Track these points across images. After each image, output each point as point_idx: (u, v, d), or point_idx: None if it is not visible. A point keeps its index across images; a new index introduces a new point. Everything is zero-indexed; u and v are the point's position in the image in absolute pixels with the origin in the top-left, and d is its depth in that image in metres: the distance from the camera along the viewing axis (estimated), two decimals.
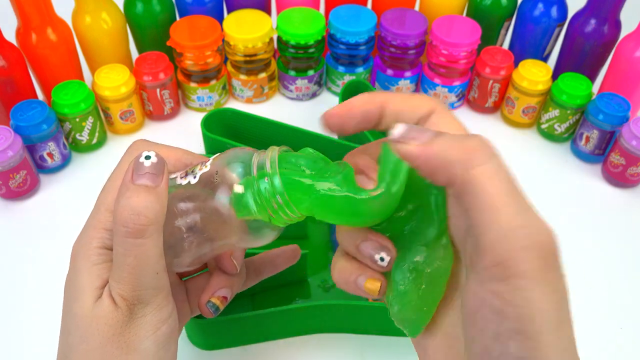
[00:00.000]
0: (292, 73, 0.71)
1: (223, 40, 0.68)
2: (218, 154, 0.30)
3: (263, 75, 0.70)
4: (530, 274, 0.19)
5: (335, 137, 0.58)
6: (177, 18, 0.72)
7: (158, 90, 0.66)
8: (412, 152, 0.23)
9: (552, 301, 0.19)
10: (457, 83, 0.70)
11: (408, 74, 0.71)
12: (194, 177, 0.29)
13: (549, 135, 0.68)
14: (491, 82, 0.68)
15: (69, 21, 0.65)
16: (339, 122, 0.27)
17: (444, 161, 0.22)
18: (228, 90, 0.73)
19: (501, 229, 0.20)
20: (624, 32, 0.66)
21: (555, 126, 0.67)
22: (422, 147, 0.23)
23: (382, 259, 0.26)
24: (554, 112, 0.66)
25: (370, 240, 0.26)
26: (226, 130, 0.64)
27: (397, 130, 0.24)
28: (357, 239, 0.27)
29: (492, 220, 0.20)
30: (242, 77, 0.70)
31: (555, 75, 0.69)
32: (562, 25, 0.69)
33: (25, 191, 0.59)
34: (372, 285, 0.27)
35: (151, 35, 0.70)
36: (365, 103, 0.27)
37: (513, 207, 0.20)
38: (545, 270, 0.19)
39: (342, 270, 0.28)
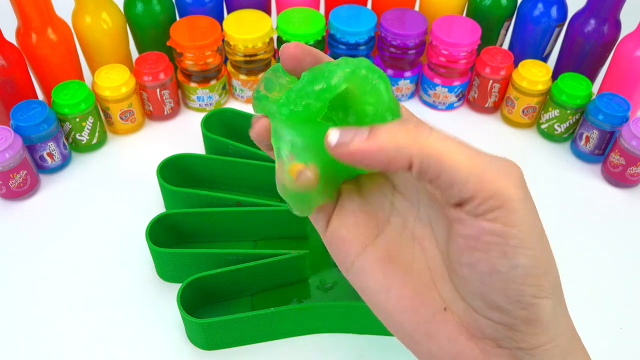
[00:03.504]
0: None
1: (223, 40, 0.68)
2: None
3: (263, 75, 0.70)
4: (516, 198, 0.22)
5: None
6: (177, 18, 0.72)
7: (158, 90, 0.66)
8: (359, 149, 0.23)
9: (535, 218, 0.23)
10: (457, 83, 0.70)
11: (408, 74, 0.71)
12: None
13: (549, 135, 0.68)
14: (491, 82, 0.68)
15: (69, 21, 0.65)
16: (298, 58, 0.27)
17: (396, 148, 0.23)
18: (228, 90, 0.73)
19: (478, 172, 0.22)
20: (624, 32, 0.65)
21: (555, 126, 0.67)
22: (368, 142, 0.23)
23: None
24: (554, 112, 0.66)
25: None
26: (226, 130, 0.64)
27: (332, 136, 0.24)
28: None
29: (468, 172, 0.22)
30: (242, 77, 0.70)
31: (555, 75, 0.69)
32: (562, 25, 0.69)
33: (25, 191, 0.59)
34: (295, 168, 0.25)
35: (151, 35, 0.70)
36: (321, 52, 0.27)
37: (474, 154, 0.23)
38: (524, 196, 0.23)
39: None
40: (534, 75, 0.65)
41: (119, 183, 0.62)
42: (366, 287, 0.27)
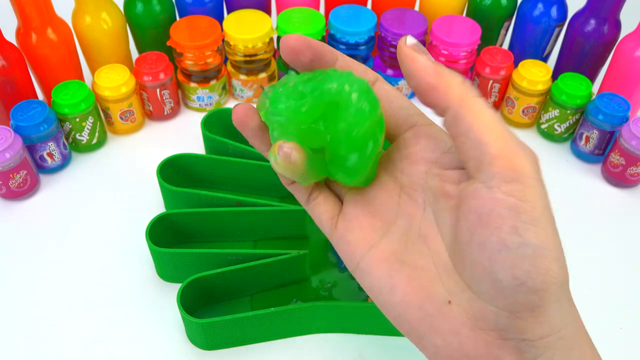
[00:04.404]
0: (292, 73, 0.71)
1: (223, 40, 0.68)
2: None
3: (263, 75, 0.70)
4: (534, 176, 0.23)
5: None
6: (177, 18, 0.72)
7: (158, 90, 0.66)
8: (421, 62, 0.25)
9: (548, 204, 0.24)
10: None
11: None
12: None
13: (549, 135, 0.68)
14: (491, 82, 0.68)
15: (69, 21, 0.65)
16: (297, 50, 0.28)
17: (448, 85, 0.25)
18: (228, 90, 0.73)
19: (503, 141, 0.23)
20: (624, 32, 0.66)
21: (555, 126, 0.67)
22: (431, 64, 0.25)
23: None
24: (554, 112, 0.66)
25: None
26: (226, 130, 0.64)
27: (410, 39, 0.26)
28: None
29: (495, 138, 0.23)
30: (242, 77, 0.70)
31: (555, 75, 0.69)
32: (562, 25, 0.69)
33: (25, 191, 0.59)
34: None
35: (151, 35, 0.70)
36: (323, 46, 0.28)
37: (503, 127, 0.24)
38: (540, 179, 0.24)
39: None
40: (534, 75, 0.65)
41: (119, 183, 0.62)
42: (371, 285, 0.27)
